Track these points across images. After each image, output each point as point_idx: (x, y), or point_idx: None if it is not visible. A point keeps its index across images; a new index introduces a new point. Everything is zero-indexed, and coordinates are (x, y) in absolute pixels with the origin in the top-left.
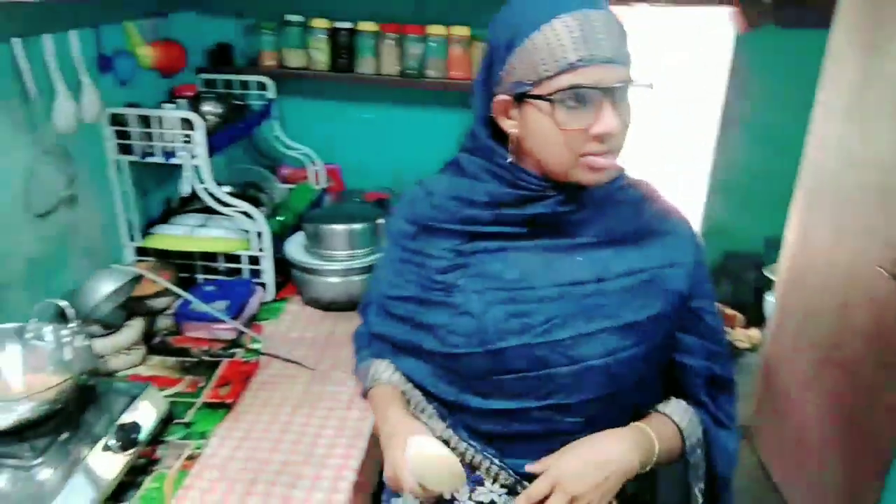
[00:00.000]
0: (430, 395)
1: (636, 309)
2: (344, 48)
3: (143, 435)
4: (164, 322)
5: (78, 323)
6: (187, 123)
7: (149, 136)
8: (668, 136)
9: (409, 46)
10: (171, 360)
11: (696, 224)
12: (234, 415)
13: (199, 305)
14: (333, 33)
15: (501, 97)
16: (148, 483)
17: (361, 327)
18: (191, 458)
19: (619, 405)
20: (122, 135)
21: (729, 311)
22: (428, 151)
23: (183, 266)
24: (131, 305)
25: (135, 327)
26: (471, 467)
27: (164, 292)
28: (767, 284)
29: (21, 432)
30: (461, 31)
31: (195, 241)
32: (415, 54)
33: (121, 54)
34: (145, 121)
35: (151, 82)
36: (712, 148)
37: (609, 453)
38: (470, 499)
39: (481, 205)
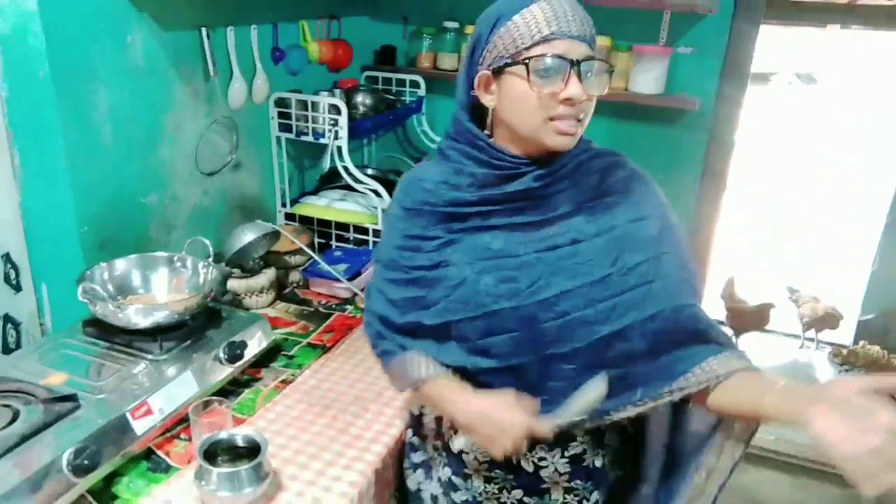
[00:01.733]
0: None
1: (612, 262)
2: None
3: (247, 355)
4: (296, 276)
5: (212, 258)
6: (335, 109)
7: (305, 119)
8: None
9: None
10: (294, 307)
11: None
12: (329, 355)
13: (323, 265)
14: None
15: (483, 72)
16: (246, 394)
17: (367, 315)
18: (284, 381)
19: (611, 349)
20: (284, 115)
21: None
22: None
23: (321, 232)
24: (271, 257)
25: (268, 275)
26: None
27: (299, 251)
28: None
29: (156, 334)
30: (602, 41)
31: (332, 211)
32: None
33: (293, 48)
34: (304, 105)
35: (319, 74)
36: None
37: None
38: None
39: (465, 187)
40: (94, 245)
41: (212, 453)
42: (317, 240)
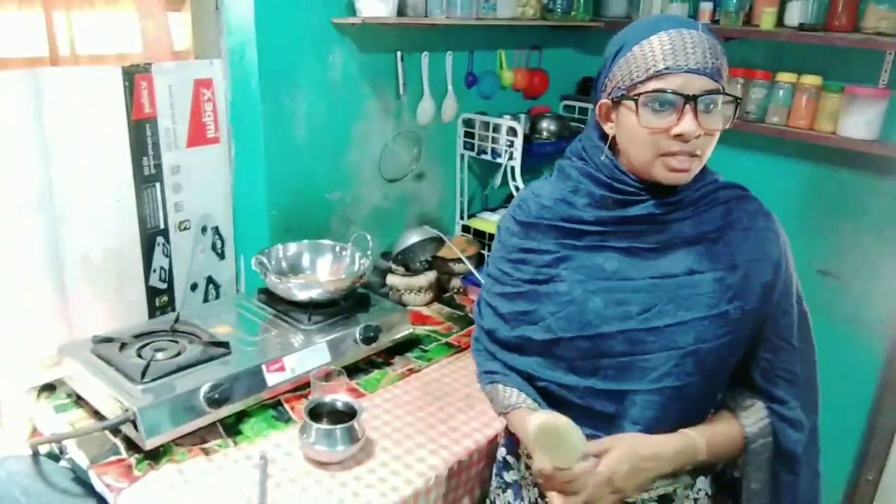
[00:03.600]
0: (536, 383)
1: (727, 300)
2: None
3: (381, 340)
4: (457, 282)
5: (370, 251)
6: (513, 132)
7: (489, 139)
8: None
9: (753, 91)
10: (447, 309)
11: None
12: (459, 355)
13: (476, 275)
14: None
15: (603, 101)
16: (374, 373)
17: (476, 330)
18: (411, 370)
19: (705, 389)
20: (470, 135)
21: None
22: (762, 196)
23: (491, 246)
24: (437, 262)
25: (428, 276)
26: None
27: (462, 260)
28: None
29: (309, 307)
30: (811, 80)
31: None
32: (757, 99)
33: (486, 74)
34: (490, 127)
35: (514, 100)
36: None
37: (655, 457)
38: None
39: (582, 206)
40: (280, 228)
41: (319, 414)
42: (486, 253)
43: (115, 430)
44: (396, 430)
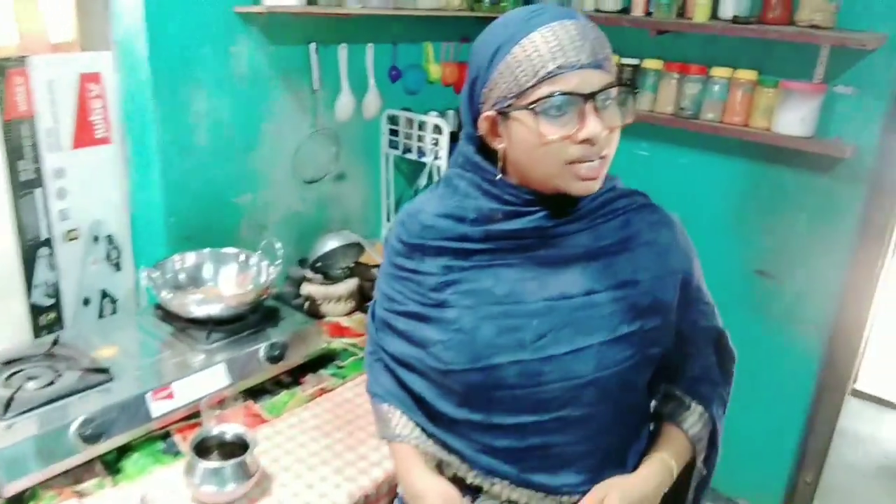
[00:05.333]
0: (430, 410)
1: (629, 320)
2: (627, 83)
3: (289, 358)
4: None
5: (281, 260)
6: (439, 129)
7: (415, 138)
8: None
9: (687, 86)
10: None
11: None
12: None
13: None
14: (619, 69)
15: (486, 114)
16: (282, 395)
17: (370, 345)
18: (323, 390)
19: (613, 413)
20: (395, 132)
21: None
22: (699, 195)
23: None
24: (359, 269)
25: (348, 285)
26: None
27: None
28: None
29: (210, 324)
30: (747, 74)
31: None
32: (692, 94)
33: (412, 68)
34: (412, 124)
35: (444, 95)
36: None
37: (645, 497)
38: None
39: (470, 221)
40: (179, 236)
41: (207, 448)
42: None
43: None
44: (299, 460)
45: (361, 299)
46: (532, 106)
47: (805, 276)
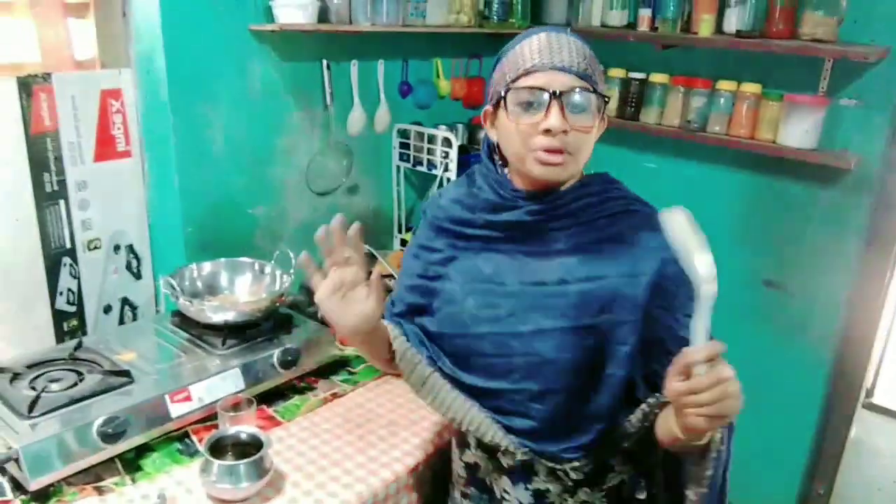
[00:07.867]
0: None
1: (593, 313)
2: (634, 97)
3: (302, 364)
4: None
5: (293, 270)
6: (448, 142)
7: (426, 151)
8: None
9: (693, 99)
10: None
11: None
12: (387, 377)
13: None
14: (627, 83)
15: (486, 108)
16: (294, 399)
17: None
18: (335, 395)
19: (567, 395)
20: (405, 146)
21: None
22: (705, 206)
23: None
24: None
25: None
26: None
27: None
28: None
29: (225, 330)
30: (751, 87)
31: None
32: (698, 108)
33: (422, 83)
34: (423, 138)
35: (454, 110)
36: None
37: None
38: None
39: (477, 210)
40: (197, 245)
41: (223, 447)
42: None
43: (2, 470)
44: (310, 461)
45: None
46: (508, 94)
47: (813, 287)
